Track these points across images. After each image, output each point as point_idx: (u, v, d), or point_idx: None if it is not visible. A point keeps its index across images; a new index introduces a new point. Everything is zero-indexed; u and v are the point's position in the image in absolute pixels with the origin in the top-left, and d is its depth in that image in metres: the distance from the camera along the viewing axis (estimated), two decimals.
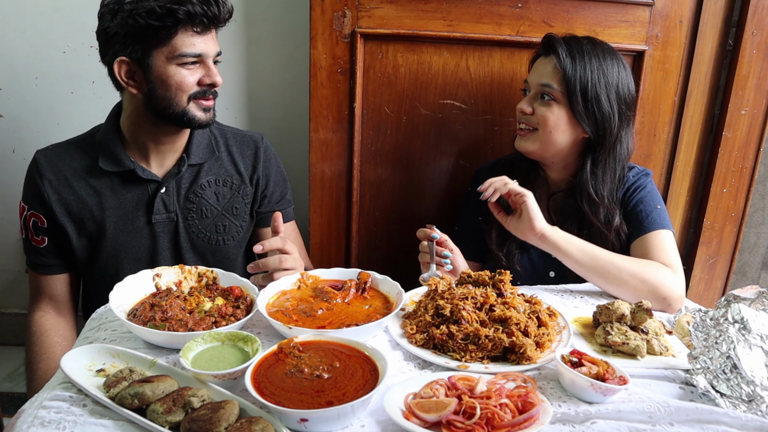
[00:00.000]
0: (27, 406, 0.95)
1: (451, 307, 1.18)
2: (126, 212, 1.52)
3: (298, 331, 1.08)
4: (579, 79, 1.46)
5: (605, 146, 1.52)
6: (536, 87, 1.53)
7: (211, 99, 1.47)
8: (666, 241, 1.49)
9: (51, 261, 1.55)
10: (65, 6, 1.95)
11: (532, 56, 1.62)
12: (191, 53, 1.39)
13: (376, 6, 1.77)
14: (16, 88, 2.03)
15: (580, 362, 1.04)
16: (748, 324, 1.08)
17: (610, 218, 1.54)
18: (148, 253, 1.55)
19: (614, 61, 1.51)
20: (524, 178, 1.63)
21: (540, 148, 1.54)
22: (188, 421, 0.87)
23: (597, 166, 1.54)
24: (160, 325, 1.12)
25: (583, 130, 1.51)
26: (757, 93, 1.93)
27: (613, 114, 1.49)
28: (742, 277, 2.30)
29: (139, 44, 1.38)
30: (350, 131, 1.87)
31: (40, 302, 1.58)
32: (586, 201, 1.54)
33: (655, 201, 1.57)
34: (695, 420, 0.96)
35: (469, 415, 0.90)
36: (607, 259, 1.39)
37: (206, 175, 1.57)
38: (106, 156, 1.50)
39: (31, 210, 1.52)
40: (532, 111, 1.53)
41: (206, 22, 1.39)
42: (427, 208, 1.99)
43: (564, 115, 1.50)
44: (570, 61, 1.47)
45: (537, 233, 1.39)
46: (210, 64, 1.44)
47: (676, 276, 1.42)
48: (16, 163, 2.09)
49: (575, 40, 1.51)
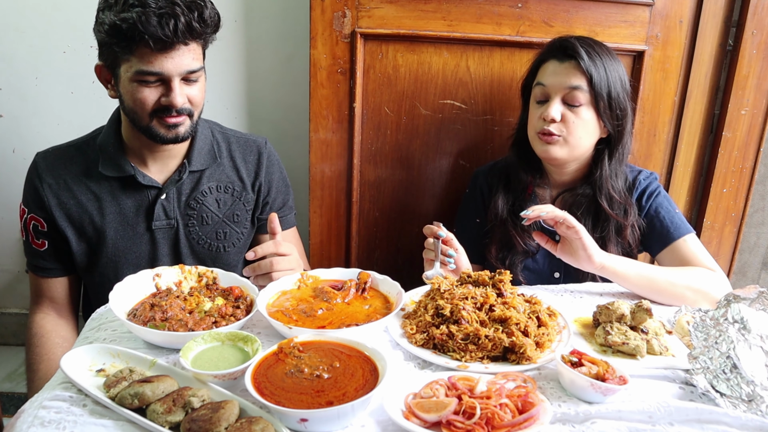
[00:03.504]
0: (27, 406, 0.95)
1: (451, 307, 1.18)
2: (126, 218, 1.50)
3: (298, 331, 1.08)
4: (603, 80, 1.48)
5: (621, 141, 1.55)
6: (561, 90, 1.49)
7: (177, 116, 1.38)
8: (697, 246, 1.52)
9: (51, 264, 1.54)
10: (65, 6, 1.95)
11: (536, 59, 1.58)
12: (147, 71, 1.31)
13: (376, 6, 1.77)
14: (16, 88, 2.03)
15: (580, 362, 1.04)
16: (748, 324, 1.08)
17: (627, 211, 1.56)
18: (147, 259, 1.54)
19: (615, 59, 1.54)
20: (523, 187, 1.63)
21: (568, 153, 1.53)
22: (188, 421, 0.87)
23: (613, 162, 1.56)
24: (160, 325, 1.12)
25: (605, 130, 1.53)
26: (757, 93, 1.93)
27: (627, 110, 1.53)
28: (742, 277, 2.30)
29: (110, 53, 1.35)
30: (350, 131, 1.87)
31: (41, 304, 1.57)
32: (605, 197, 1.55)
33: (673, 206, 1.59)
34: (695, 420, 0.96)
35: (469, 415, 0.90)
36: (662, 278, 1.40)
37: (208, 181, 1.55)
38: (107, 161, 1.48)
39: (31, 213, 1.51)
40: (562, 117, 1.50)
41: (165, 39, 1.27)
42: (427, 208, 1.99)
43: (591, 118, 1.50)
44: (592, 63, 1.47)
45: (597, 266, 1.38)
46: (174, 84, 1.34)
47: (718, 275, 1.45)
48: (16, 163, 2.09)
49: (585, 41, 1.51)
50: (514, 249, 1.62)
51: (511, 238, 1.61)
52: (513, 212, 1.62)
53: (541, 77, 1.54)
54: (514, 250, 1.62)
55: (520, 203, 1.61)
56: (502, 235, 1.63)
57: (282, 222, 1.62)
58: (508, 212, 1.62)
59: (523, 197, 1.62)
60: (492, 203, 1.65)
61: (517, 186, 1.64)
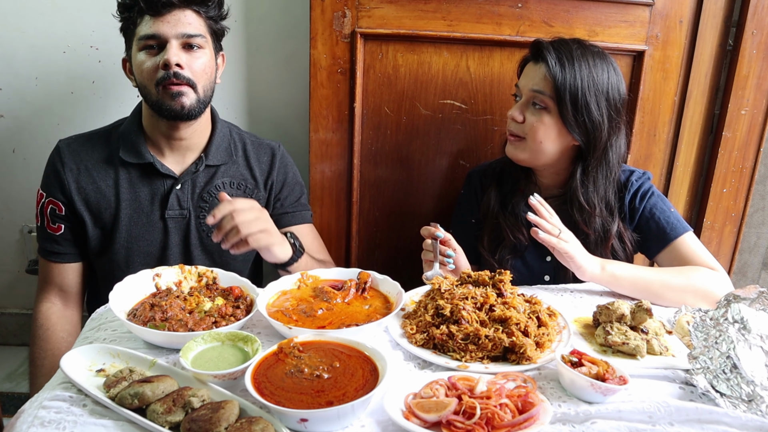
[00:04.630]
0: (27, 406, 0.95)
1: (451, 307, 1.18)
2: (141, 205, 1.54)
3: (298, 331, 1.08)
4: (569, 87, 1.43)
5: (595, 154, 1.49)
6: (527, 93, 1.49)
7: (178, 84, 1.43)
8: (695, 244, 1.50)
9: (65, 249, 1.57)
10: (65, 6, 1.94)
11: (521, 60, 1.58)
12: (146, 35, 1.41)
13: (376, 6, 1.77)
14: (16, 88, 2.03)
15: (580, 362, 1.04)
16: (748, 324, 1.08)
17: (606, 226, 1.53)
18: (159, 247, 1.57)
19: (604, 65, 1.47)
20: (515, 184, 1.63)
21: (530, 156, 1.52)
22: (188, 421, 0.87)
23: (587, 175, 1.51)
24: (160, 325, 1.12)
25: (573, 138, 1.49)
26: (757, 93, 1.93)
27: (603, 122, 1.46)
28: (742, 277, 2.30)
29: (127, 37, 1.48)
30: (350, 131, 1.87)
31: (49, 292, 1.59)
32: (577, 210, 1.52)
33: (668, 204, 1.57)
34: (695, 420, 0.96)
35: (469, 415, 0.90)
36: (658, 282, 1.39)
37: (222, 176, 1.59)
38: (127, 147, 1.53)
39: (50, 197, 1.54)
40: (523, 119, 1.50)
41: (155, 5, 1.40)
42: (427, 208, 1.99)
43: (554, 124, 1.47)
44: (560, 69, 1.43)
45: (588, 280, 1.40)
46: (169, 45, 1.41)
47: (720, 274, 1.43)
48: (16, 163, 2.09)
49: (564, 45, 1.47)
50: (503, 243, 1.61)
51: (501, 232, 1.60)
52: (504, 205, 1.62)
53: (520, 78, 1.55)
54: (504, 244, 1.61)
55: (511, 198, 1.61)
56: (493, 228, 1.62)
57: (295, 218, 1.68)
58: (500, 205, 1.62)
59: (515, 193, 1.62)
60: (485, 197, 1.65)
61: (509, 183, 1.64)
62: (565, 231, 1.40)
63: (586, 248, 1.43)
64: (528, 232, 1.54)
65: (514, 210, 1.59)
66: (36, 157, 2.03)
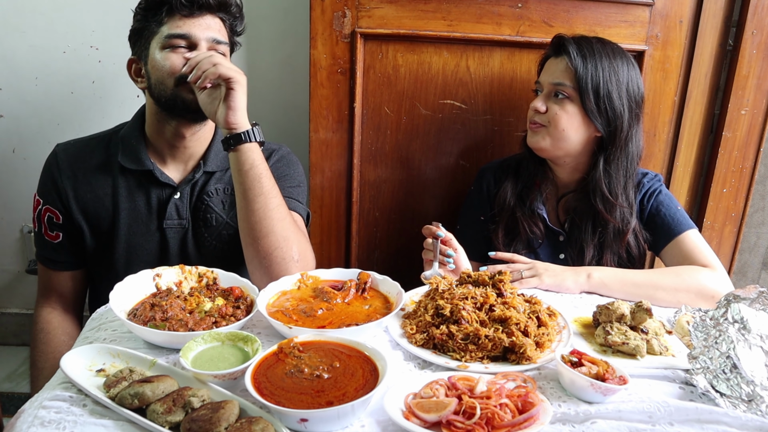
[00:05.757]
0: (27, 406, 0.95)
1: (451, 307, 1.18)
2: (139, 214, 1.51)
3: (298, 331, 1.08)
4: (591, 77, 1.48)
5: (617, 144, 1.53)
6: (549, 86, 1.54)
7: None
8: (698, 241, 1.52)
9: (63, 257, 1.55)
10: (65, 6, 1.95)
11: (541, 58, 1.63)
12: (176, 34, 1.40)
13: (376, 6, 1.77)
14: (16, 88, 2.03)
15: (580, 362, 1.04)
16: (748, 324, 1.08)
17: (627, 217, 1.56)
18: (157, 257, 1.55)
19: (624, 60, 1.53)
20: (531, 179, 1.64)
21: (552, 145, 1.54)
22: (188, 421, 0.87)
23: (610, 165, 1.55)
24: (160, 325, 1.12)
25: (595, 129, 1.53)
26: (757, 93, 1.93)
27: (624, 111, 1.51)
28: (742, 277, 2.30)
29: (143, 36, 1.45)
30: (350, 131, 1.87)
31: (49, 298, 1.58)
32: (599, 199, 1.55)
33: (675, 203, 1.60)
34: (695, 420, 0.96)
35: (469, 415, 0.90)
36: (647, 284, 1.41)
37: (216, 183, 1.56)
38: (127, 153, 1.50)
39: (47, 205, 1.51)
40: (546, 109, 1.53)
41: (190, 5, 1.40)
42: (427, 208, 1.99)
43: (577, 113, 1.51)
44: (581, 60, 1.48)
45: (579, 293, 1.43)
46: (201, 47, 1.42)
47: (717, 273, 1.44)
48: (16, 163, 2.10)
49: (585, 40, 1.53)
50: (518, 237, 1.63)
51: (517, 225, 1.62)
52: (521, 198, 1.64)
53: (541, 73, 1.60)
54: (518, 238, 1.62)
55: (527, 192, 1.64)
56: (508, 222, 1.64)
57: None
58: (516, 198, 1.64)
59: (532, 187, 1.64)
60: (501, 190, 1.67)
61: (526, 176, 1.66)
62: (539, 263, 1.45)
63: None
64: (543, 226, 1.58)
65: (531, 205, 1.62)
66: (36, 157, 2.02)
